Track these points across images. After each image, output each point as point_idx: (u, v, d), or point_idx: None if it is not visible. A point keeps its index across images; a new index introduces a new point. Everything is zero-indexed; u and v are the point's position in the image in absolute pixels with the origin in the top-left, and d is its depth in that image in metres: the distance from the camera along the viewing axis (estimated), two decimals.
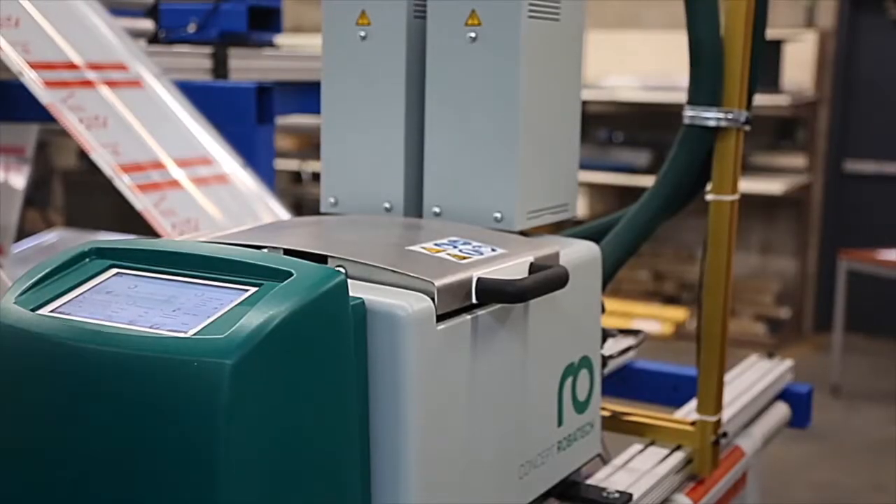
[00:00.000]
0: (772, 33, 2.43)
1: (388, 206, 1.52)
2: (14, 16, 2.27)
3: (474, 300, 1.19)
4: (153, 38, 3.25)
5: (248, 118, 2.63)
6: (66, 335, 1.02)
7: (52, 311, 1.05)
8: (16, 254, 3.04)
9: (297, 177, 7.48)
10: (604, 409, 1.62)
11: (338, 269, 1.10)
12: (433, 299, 1.13)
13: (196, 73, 3.04)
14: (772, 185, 6.20)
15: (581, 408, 1.44)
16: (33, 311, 1.05)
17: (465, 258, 1.24)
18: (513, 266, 1.27)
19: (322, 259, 1.17)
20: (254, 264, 1.06)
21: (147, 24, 3.20)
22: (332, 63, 1.53)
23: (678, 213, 1.77)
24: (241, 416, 0.95)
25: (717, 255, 1.66)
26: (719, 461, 1.72)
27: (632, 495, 1.49)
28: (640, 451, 1.69)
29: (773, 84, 5.98)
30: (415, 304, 1.10)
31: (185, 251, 1.10)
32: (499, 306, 1.23)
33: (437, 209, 1.49)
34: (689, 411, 1.82)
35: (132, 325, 1.01)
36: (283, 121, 3.43)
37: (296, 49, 3.99)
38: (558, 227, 1.62)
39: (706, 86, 1.64)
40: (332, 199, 1.56)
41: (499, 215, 1.45)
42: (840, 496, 4.15)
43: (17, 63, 2.19)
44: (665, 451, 1.68)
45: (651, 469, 1.61)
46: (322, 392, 1.03)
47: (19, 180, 3.45)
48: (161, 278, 1.08)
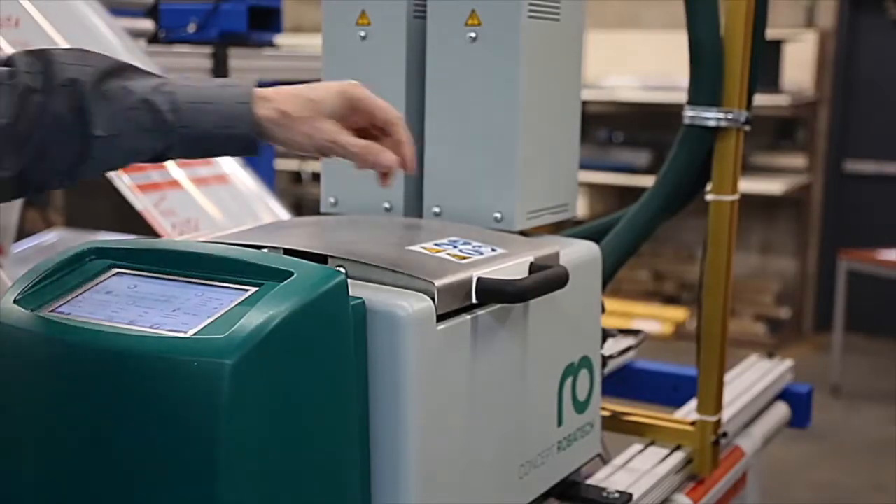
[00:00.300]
0: (772, 33, 2.43)
1: (387, 206, 1.52)
2: (14, 16, 2.27)
3: (474, 300, 1.19)
4: (153, 38, 3.25)
5: None
6: (67, 335, 1.02)
7: (52, 311, 1.05)
8: (16, 254, 3.03)
9: (297, 177, 7.47)
10: (604, 409, 1.62)
11: (338, 269, 1.10)
12: (433, 299, 1.13)
13: (196, 73, 3.04)
14: (772, 185, 6.19)
15: (581, 408, 1.44)
16: (33, 311, 1.05)
17: (465, 258, 1.24)
18: (513, 266, 1.27)
19: (322, 259, 1.17)
20: (254, 264, 1.06)
21: (147, 24, 3.20)
22: (332, 63, 1.53)
23: (678, 213, 1.77)
24: (240, 416, 0.95)
25: (717, 255, 1.66)
26: (719, 461, 1.72)
27: (632, 495, 1.49)
28: (640, 451, 1.69)
29: (773, 84, 5.97)
30: (415, 304, 1.10)
31: (185, 251, 1.10)
32: (499, 306, 1.23)
33: (437, 209, 1.49)
34: (689, 411, 1.82)
35: (132, 325, 1.01)
36: None
37: (296, 49, 3.99)
38: (558, 227, 1.62)
39: (706, 86, 1.64)
40: (332, 199, 1.56)
41: (499, 215, 1.45)
42: (840, 496, 4.15)
43: None
44: (665, 451, 1.68)
45: (651, 469, 1.61)
46: (322, 392, 1.03)
47: None
48: (161, 278, 1.08)
